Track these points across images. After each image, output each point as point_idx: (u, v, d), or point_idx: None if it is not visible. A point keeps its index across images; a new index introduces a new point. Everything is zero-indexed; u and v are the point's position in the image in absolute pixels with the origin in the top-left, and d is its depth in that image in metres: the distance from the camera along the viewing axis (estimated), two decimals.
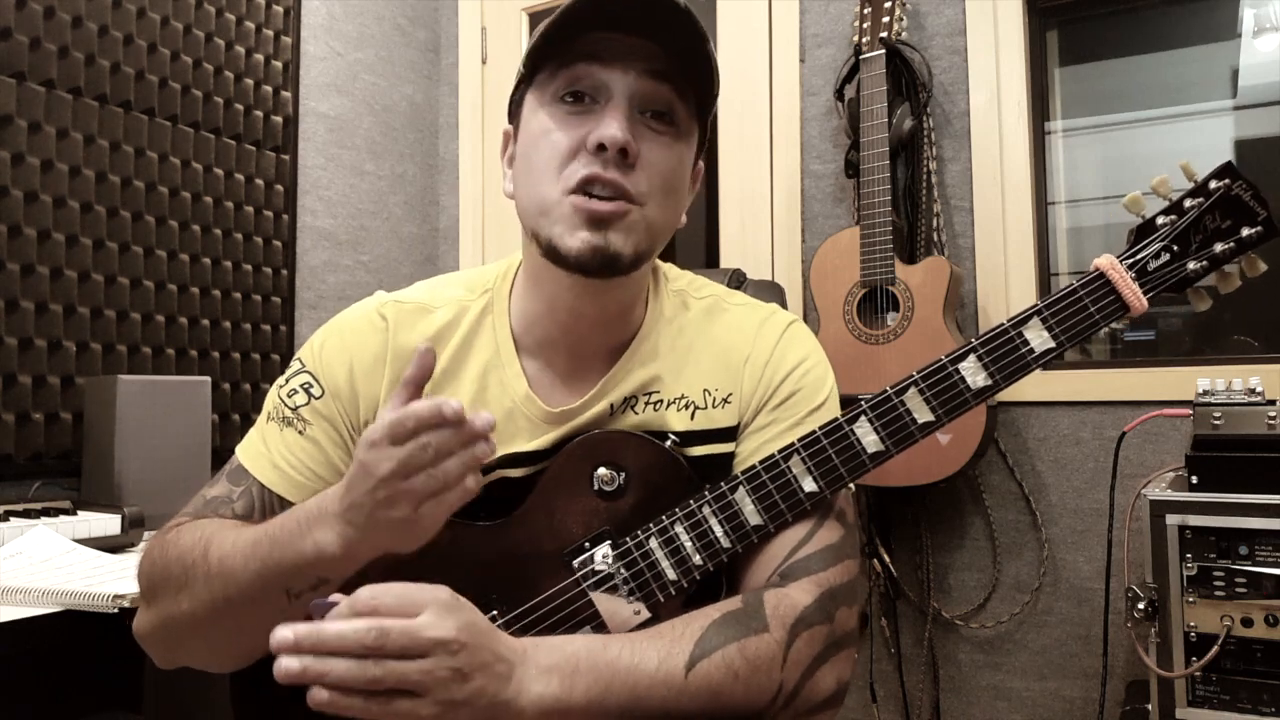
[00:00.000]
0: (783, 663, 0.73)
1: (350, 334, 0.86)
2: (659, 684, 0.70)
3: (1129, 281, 0.77)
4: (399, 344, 0.84)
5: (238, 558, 0.72)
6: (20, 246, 1.64)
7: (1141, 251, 0.78)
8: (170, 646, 0.79)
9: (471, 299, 0.88)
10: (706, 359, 0.88)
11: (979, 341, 0.77)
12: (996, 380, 0.77)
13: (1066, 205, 2.04)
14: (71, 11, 1.72)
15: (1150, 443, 1.77)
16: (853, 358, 1.80)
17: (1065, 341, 0.77)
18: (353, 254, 2.34)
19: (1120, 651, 1.75)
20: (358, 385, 0.84)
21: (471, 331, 0.86)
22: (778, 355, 0.87)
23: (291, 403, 0.84)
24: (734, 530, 0.78)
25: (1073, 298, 0.77)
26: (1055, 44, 2.06)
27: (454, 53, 2.64)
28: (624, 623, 0.78)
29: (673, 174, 0.80)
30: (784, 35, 2.16)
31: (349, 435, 0.84)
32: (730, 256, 2.22)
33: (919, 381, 0.78)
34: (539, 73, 0.80)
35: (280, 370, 2.10)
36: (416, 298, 0.88)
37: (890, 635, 1.98)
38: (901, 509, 1.97)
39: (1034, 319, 0.77)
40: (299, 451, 0.83)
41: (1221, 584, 1.28)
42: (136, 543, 1.47)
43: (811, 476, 0.78)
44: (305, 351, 0.87)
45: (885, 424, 0.78)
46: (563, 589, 0.79)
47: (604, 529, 0.80)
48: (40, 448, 1.65)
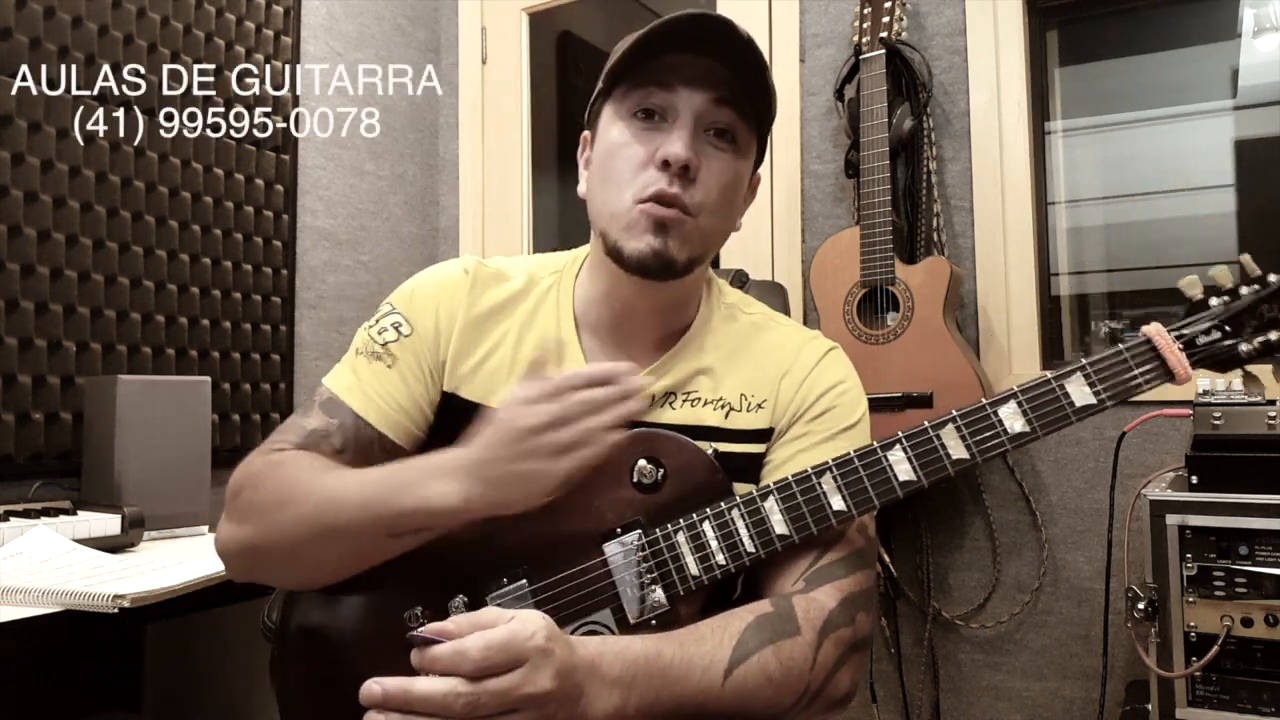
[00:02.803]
0: (812, 664, 0.77)
1: (442, 284, 0.94)
2: (701, 690, 0.74)
3: (1174, 350, 0.80)
4: (475, 299, 0.93)
5: (350, 494, 0.78)
6: (20, 246, 1.64)
7: (1190, 326, 0.82)
8: (254, 563, 0.85)
9: (543, 275, 0.97)
10: (747, 367, 0.93)
11: (1021, 389, 0.81)
12: (1034, 429, 0.80)
13: (1066, 205, 2.04)
14: (71, 11, 1.72)
15: (1150, 443, 1.77)
16: (853, 358, 1.78)
17: (1106, 399, 0.80)
18: (353, 254, 2.34)
19: (1120, 651, 1.75)
20: (441, 328, 0.92)
21: (539, 303, 0.95)
22: (817, 373, 0.94)
23: (381, 339, 0.92)
24: (759, 536, 0.82)
25: (1118, 359, 0.81)
26: (1055, 44, 2.06)
27: (454, 53, 2.64)
28: (642, 609, 0.82)
29: (730, 187, 0.88)
30: (784, 35, 2.16)
31: (430, 373, 0.91)
32: (730, 256, 2.22)
33: (958, 419, 0.81)
34: (616, 87, 0.89)
35: (280, 370, 2.11)
36: (497, 265, 0.98)
37: (890, 635, 1.98)
38: (902, 509, 1.96)
39: (1077, 374, 0.81)
40: (386, 384, 0.90)
41: (1221, 584, 1.28)
42: (136, 543, 1.47)
43: (841, 495, 0.82)
44: (396, 297, 0.95)
45: (919, 455, 0.81)
46: (588, 568, 0.83)
47: (636, 518, 0.83)
48: (40, 448, 1.65)
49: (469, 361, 0.92)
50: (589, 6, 2.77)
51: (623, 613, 0.82)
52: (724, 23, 0.83)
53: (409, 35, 2.55)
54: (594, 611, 0.82)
